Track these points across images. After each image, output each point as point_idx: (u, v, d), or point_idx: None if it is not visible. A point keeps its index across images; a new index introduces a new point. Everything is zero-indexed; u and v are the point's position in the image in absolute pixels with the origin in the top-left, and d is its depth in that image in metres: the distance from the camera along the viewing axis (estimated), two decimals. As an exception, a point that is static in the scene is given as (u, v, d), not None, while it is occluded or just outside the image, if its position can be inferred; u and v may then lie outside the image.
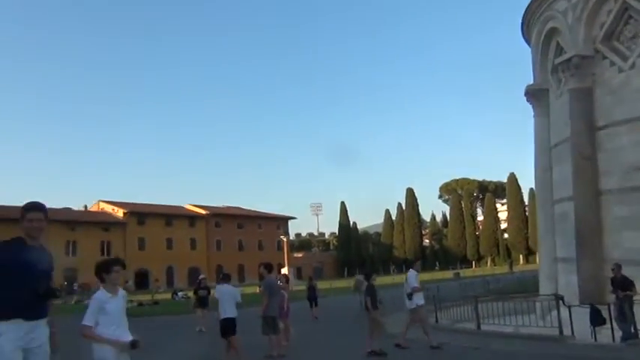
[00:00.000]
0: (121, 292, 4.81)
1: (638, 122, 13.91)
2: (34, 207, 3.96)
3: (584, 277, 14.72)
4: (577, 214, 15.35)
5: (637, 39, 14.16)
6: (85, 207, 75.92)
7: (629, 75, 14.32)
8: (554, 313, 14.41)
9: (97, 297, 4.65)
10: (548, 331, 13.13)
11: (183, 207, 78.98)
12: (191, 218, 76.28)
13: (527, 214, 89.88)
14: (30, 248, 3.84)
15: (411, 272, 11.77)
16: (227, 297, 10.05)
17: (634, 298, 11.63)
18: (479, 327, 14.22)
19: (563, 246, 17.06)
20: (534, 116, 19.38)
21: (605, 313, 11.92)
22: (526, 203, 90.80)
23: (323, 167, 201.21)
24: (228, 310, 9.90)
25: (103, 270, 4.72)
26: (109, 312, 4.57)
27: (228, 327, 9.79)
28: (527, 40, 20.51)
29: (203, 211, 77.01)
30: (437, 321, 16.10)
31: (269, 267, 10.83)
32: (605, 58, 15.00)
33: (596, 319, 11.97)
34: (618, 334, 11.54)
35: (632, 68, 14.21)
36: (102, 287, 4.72)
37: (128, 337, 4.60)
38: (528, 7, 18.35)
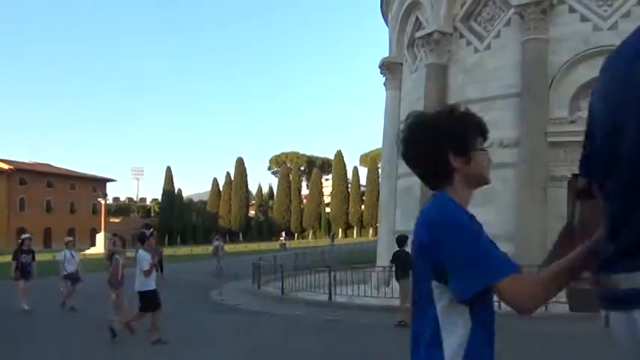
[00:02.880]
0: None
1: (489, 102, 14.39)
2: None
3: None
4: (422, 188, 15.63)
5: (493, 21, 14.61)
6: None
7: (483, 56, 14.76)
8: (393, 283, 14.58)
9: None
10: (390, 301, 13.12)
11: (-22, 159, 68.29)
12: (-12, 173, 66.35)
13: (349, 190, 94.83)
14: None
15: None
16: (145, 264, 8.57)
17: None
18: (330, 298, 13.78)
19: (404, 219, 17.38)
20: (387, 89, 19.48)
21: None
22: (349, 180, 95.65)
23: (147, 129, 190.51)
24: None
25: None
26: None
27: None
28: (385, 16, 20.51)
29: (5, 166, 67.36)
30: (283, 292, 15.35)
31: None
32: (462, 37, 15.31)
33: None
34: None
35: (487, 49, 14.66)
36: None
37: None
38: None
